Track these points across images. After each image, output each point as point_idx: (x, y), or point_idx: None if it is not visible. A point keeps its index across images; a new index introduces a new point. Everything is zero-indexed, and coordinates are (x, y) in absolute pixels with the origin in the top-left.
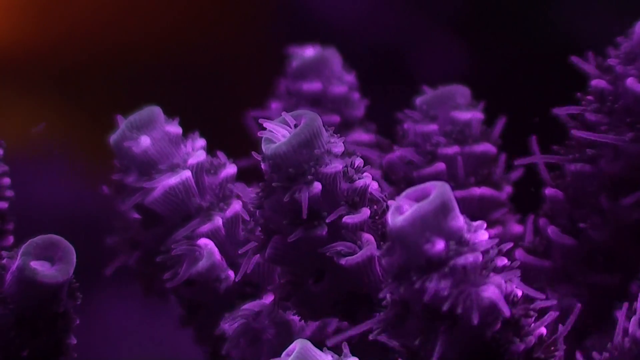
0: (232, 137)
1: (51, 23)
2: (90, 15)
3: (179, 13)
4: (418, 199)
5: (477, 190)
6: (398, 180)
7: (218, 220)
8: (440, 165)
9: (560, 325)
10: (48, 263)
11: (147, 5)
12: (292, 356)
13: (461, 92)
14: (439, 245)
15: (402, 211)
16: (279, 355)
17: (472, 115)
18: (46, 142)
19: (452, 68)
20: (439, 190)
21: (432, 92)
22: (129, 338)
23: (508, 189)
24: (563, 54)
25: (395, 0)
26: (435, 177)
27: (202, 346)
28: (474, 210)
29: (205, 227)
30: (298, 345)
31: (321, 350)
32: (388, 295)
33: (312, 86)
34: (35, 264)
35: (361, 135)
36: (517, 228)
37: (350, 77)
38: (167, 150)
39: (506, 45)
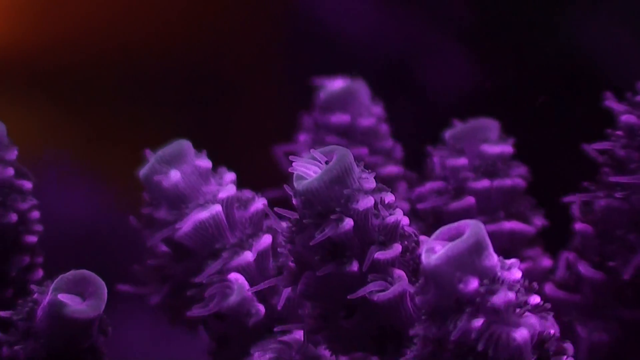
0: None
1: (51, 24)
2: (91, 17)
3: (182, 16)
4: (452, 237)
5: (507, 225)
6: (427, 214)
7: (248, 255)
8: (470, 200)
9: None
10: (79, 298)
11: (152, 10)
12: None
13: (490, 125)
14: (473, 284)
15: (436, 250)
16: None
17: (501, 149)
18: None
19: (459, 81)
20: (473, 228)
21: (462, 125)
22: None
23: (538, 223)
24: (571, 65)
25: (403, 12)
26: (465, 211)
27: None
28: (504, 244)
29: (236, 262)
30: None
31: None
32: (421, 333)
33: (341, 119)
34: (66, 299)
35: (390, 168)
36: (547, 262)
37: (377, 109)
38: (197, 184)
39: (514, 57)
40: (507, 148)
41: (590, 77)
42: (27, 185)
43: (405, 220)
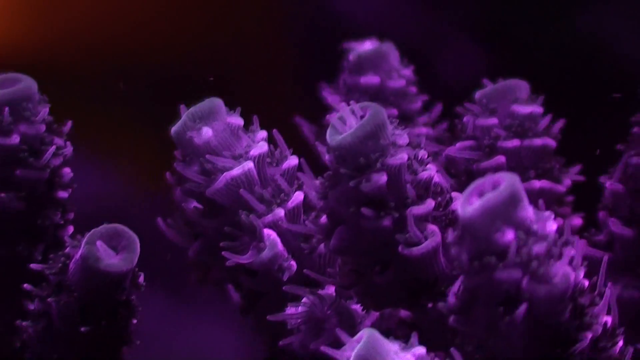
0: None
1: (51, 23)
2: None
3: (185, 14)
4: (487, 190)
5: (537, 184)
6: (458, 173)
7: (280, 212)
8: (501, 159)
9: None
10: (112, 252)
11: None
12: (360, 344)
13: (521, 86)
14: (509, 235)
15: (472, 202)
16: (341, 345)
17: (532, 109)
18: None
19: (471, 70)
20: (508, 181)
21: (492, 85)
22: (155, 338)
23: (567, 183)
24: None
25: (415, 2)
26: (495, 169)
27: (260, 336)
28: (534, 202)
29: (268, 218)
30: (366, 333)
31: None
32: (455, 284)
33: (370, 80)
34: (99, 253)
35: (419, 129)
36: (577, 221)
37: (407, 71)
38: (229, 141)
39: (530, 48)
40: (537, 108)
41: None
42: (59, 141)
43: (438, 177)
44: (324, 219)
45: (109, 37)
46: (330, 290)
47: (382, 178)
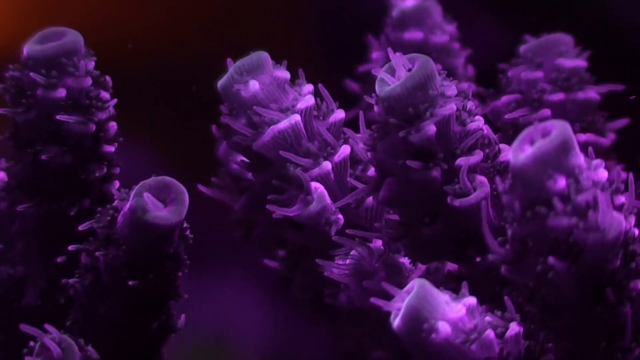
0: None
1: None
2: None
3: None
4: (539, 137)
5: (582, 137)
6: (504, 126)
7: (327, 165)
8: (546, 112)
9: None
10: (161, 204)
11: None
12: (411, 294)
13: (565, 40)
14: (561, 182)
15: (524, 149)
16: (389, 299)
17: (576, 62)
18: None
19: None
20: (560, 128)
21: (536, 40)
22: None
23: (612, 137)
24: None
25: None
26: None
27: (305, 293)
28: None
29: (315, 172)
30: (417, 283)
31: None
32: (506, 234)
33: (414, 35)
34: (148, 206)
35: (462, 85)
36: (622, 174)
37: (451, 27)
38: (276, 94)
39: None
40: (581, 62)
41: None
42: (105, 94)
43: (486, 128)
44: (371, 171)
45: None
46: (378, 243)
47: (431, 128)
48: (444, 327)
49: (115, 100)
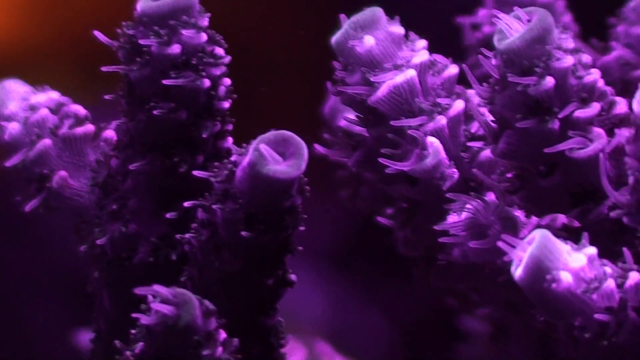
0: None
1: (55, 17)
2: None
3: None
4: None
5: None
6: (614, 81)
7: (442, 119)
8: None
9: None
10: (280, 158)
11: None
12: (533, 244)
13: None
14: None
15: None
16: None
17: None
18: None
19: None
20: None
21: None
22: None
23: None
24: None
25: None
26: None
27: (414, 250)
28: None
29: (430, 126)
30: (538, 233)
31: None
32: (630, 181)
33: None
34: (267, 159)
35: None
36: None
37: None
38: (391, 50)
39: None
40: None
41: None
42: (220, 51)
43: (601, 81)
44: (491, 123)
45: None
46: (491, 196)
47: (550, 82)
48: (566, 277)
49: (230, 58)
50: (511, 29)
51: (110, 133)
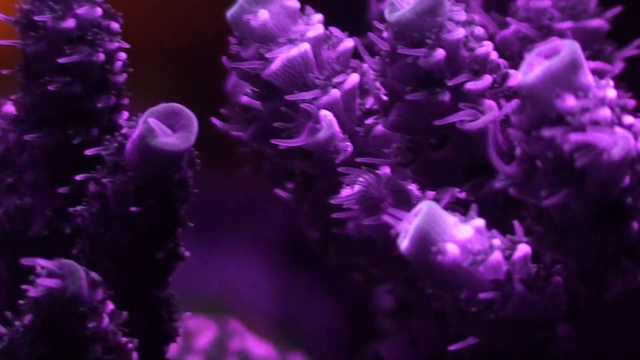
0: None
1: None
2: None
3: None
4: (548, 56)
5: (591, 64)
6: (512, 55)
7: (336, 93)
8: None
9: None
10: (170, 130)
11: None
12: (419, 215)
13: None
14: (570, 100)
15: (533, 68)
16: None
17: None
18: None
19: None
20: (569, 47)
21: None
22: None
23: (619, 65)
24: None
25: None
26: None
27: (312, 226)
28: None
29: (324, 99)
30: (424, 205)
31: None
32: (516, 153)
33: None
34: (156, 131)
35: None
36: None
37: None
38: (286, 24)
39: None
40: None
41: None
42: (115, 25)
43: (494, 53)
44: (382, 96)
45: None
46: (386, 170)
47: (440, 53)
48: (452, 249)
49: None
50: (402, 1)
51: (10, 108)
